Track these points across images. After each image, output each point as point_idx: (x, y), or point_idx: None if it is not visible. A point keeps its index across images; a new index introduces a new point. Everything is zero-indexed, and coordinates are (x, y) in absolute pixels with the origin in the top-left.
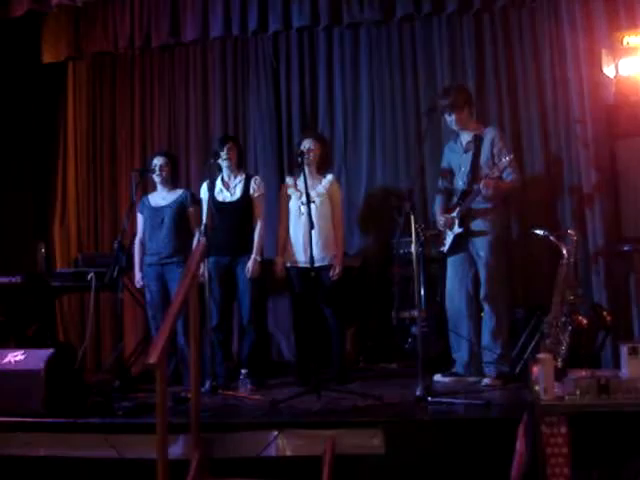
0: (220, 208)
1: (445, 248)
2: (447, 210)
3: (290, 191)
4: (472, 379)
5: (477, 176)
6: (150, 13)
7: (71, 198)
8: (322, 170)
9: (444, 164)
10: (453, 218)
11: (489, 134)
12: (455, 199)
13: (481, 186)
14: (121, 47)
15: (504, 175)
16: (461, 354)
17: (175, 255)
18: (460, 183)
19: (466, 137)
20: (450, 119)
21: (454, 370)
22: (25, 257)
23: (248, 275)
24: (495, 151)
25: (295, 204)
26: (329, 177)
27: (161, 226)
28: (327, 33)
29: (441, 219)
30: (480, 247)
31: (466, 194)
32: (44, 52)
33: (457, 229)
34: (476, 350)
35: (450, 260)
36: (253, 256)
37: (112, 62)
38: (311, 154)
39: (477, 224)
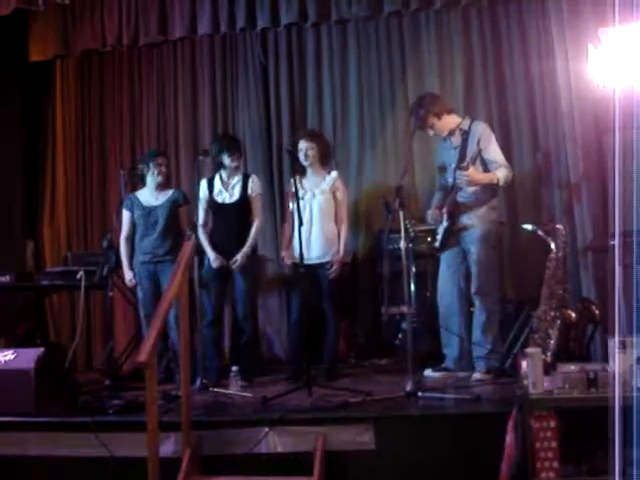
0: (220, 209)
1: (437, 244)
2: (440, 206)
3: (294, 189)
4: (462, 374)
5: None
6: (138, 10)
7: (60, 197)
8: (325, 166)
9: (439, 162)
10: (441, 213)
11: (477, 128)
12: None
13: (456, 175)
14: (109, 45)
15: (492, 168)
16: (451, 349)
17: (169, 254)
18: (450, 179)
19: (455, 134)
20: (430, 133)
21: (444, 365)
22: (14, 256)
23: (234, 266)
24: (481, 145)
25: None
26: (333, 174)
27: (155, 225)
28: (315, 29)
29: (429, 214)
30: (470, 242)
31: (452, 189)
32: (31, 50)
33: (445, 223)
34: (466, 345)
35: (442, 255)
36: (244, 249)
37: (100, 60)
38: (309, 152)
39: (466, 219)
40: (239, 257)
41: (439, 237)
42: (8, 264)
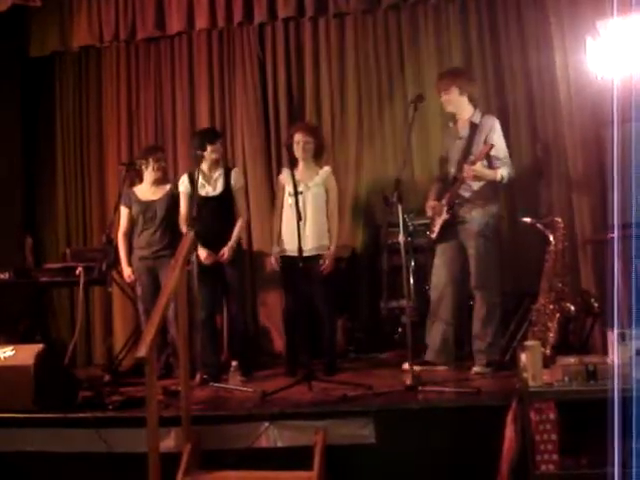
0: (204, 202)
1: (434, 235)
2: (439, 197)
3: (285, 182)
4: (441, 368)
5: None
6: (135, 5)
7: (59, 193)
8: (319, 160)
9: (443, 152)
10: (442, 205)
11: (487, 123)
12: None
13: (464, 169)
14: (106, 40)
15: (496, 164)
16: (433, 338)
17: (168, 248)
18: (452, 170)
19: (461, 123)
20: (442, 98)
21: (424, 358)
22: (14, 253)
23: (222, 259)
24: (490, 140)
25: (288, 195)
26: (326, 168)
27: (154, 220)
28: (313, 23)
29: (429, 205)
30: (469, 235)
31: (455, 181)
32: (31, 46)
33: (444, 216)
34: (449, 337)
35: (439, 247)
36: (231, 243)
37: (97, 56)
38: (306, 146)
39: (466, 212)
40: (226, 250)
41: (436, 228)
42: (7, 260)
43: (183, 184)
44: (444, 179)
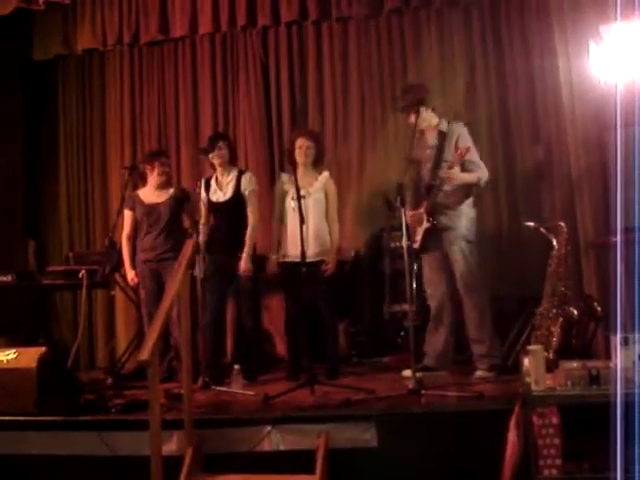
0: (215, 208)
1: (416, 245)
2: (416, 206)
3: (286, 187)
4: (443, 373)
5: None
6: (138, 9)
7: (62, 196)
8: (318, 166)
9: (411, 155)
10: (421, 214)
11: (455, 130)
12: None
13: (440, 174)
14: (110, 44)
15: (471, 168)
16: (435, 345)
17: (172, 251)
18: (426, 179)
19: (431, 133)
20: (411, 119)
21: (424, 364)
22: (16, 256)
23: (240, 271)
24: (460, 144)
25: (290, 200)
26: (325, 174)
27: (157, 223)
28: (316, 27)
29: (409, 215)
30: (451, 241)
31: (431, 189)
32: (34, 49)
33: (425, 224)
34: (451, 344)
35: (425, 257)
36: (244, 255)
37: (101, 59)
38: (308, 151)
39: (445, 218)
40: (243, 264)
41: (418, 237)
42: (10, 263)
43: (200, 188)
44: (416, 183)
